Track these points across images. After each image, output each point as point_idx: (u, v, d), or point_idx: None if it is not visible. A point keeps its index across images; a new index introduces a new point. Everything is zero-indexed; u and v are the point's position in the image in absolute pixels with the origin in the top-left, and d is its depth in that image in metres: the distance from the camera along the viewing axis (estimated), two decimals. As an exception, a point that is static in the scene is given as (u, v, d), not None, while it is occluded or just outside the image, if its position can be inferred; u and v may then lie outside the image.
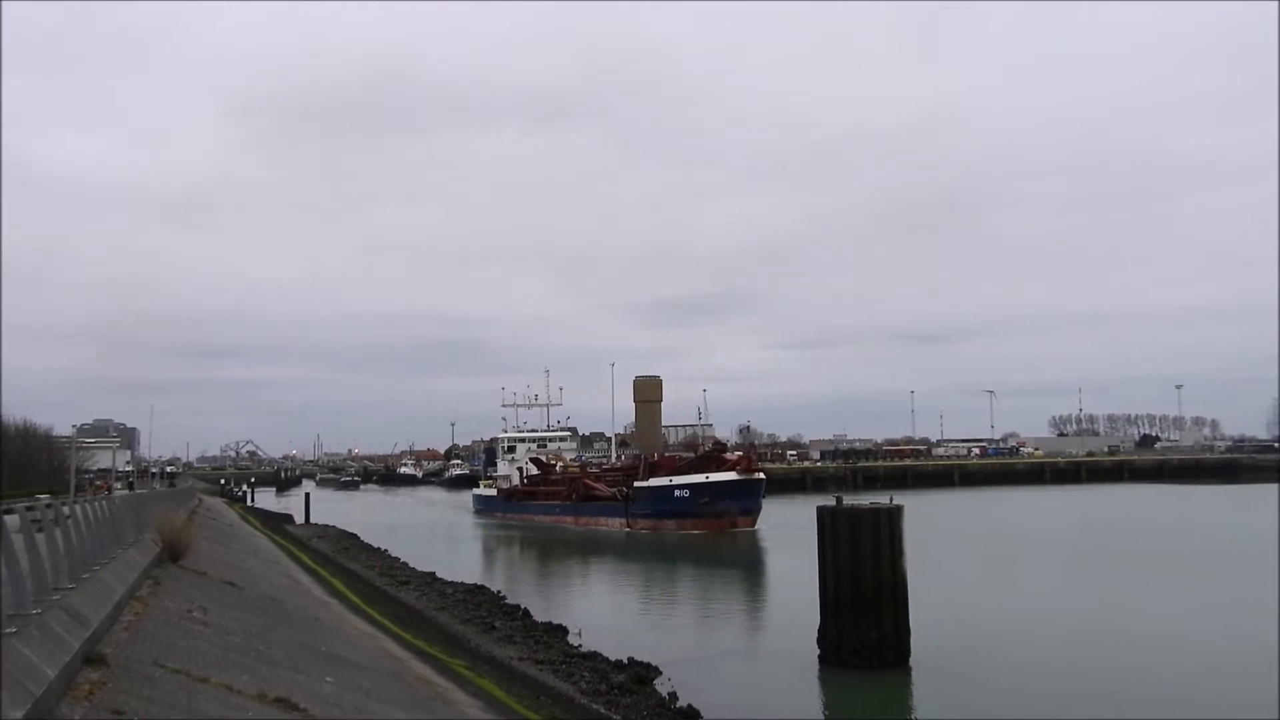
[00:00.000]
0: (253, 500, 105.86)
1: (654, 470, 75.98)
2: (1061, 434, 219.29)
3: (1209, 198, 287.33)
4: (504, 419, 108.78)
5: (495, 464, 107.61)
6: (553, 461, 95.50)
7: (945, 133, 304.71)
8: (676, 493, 70.37)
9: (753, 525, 68.46)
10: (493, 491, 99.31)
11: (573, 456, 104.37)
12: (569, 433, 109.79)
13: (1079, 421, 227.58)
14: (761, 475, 71.64)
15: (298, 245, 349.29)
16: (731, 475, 69.16)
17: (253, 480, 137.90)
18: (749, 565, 52.43)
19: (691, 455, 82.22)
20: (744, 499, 68.83)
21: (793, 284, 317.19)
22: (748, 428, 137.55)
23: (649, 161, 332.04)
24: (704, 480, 69.50)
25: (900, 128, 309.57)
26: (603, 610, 38.24)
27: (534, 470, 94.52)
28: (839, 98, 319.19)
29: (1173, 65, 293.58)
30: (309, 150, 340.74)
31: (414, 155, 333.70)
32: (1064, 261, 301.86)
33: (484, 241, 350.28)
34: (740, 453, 78.41)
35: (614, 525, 74.33)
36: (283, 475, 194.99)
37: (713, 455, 75.56)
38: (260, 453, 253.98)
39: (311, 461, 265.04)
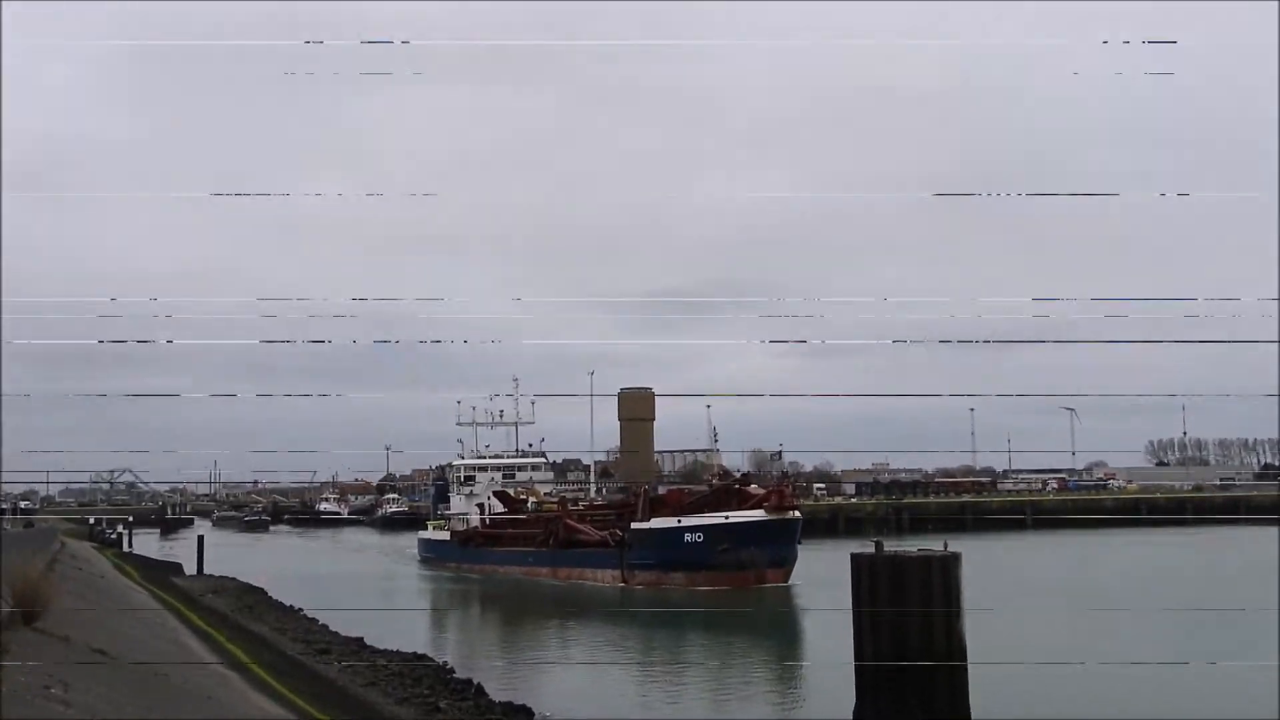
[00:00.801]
0: (130, 545, 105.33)
1: (657, 507, 75.55)
2: (1161, 463, 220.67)
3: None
4: (460, 440, 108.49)
5: (447, 499, 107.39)
6: (524, 496, 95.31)
7: (1002, 91, 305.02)
8: (687, 536, 69.50)
9: (786, 580, 67.97)
10: (445, 534, 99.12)
11: (549, 489, 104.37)
12: (543, 459, 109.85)
13: (1183, 447, 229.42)
14: (797, 514, 71.13)
15: (188, 223, 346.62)
16: (759, 514, 68.49)
17: (130, 519, 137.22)
18: (777, 631, 52.37)
19: (705, 489, 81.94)
20: (775, 545, 68.09)
21: (812, 275, 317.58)
22: (778, 454, 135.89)
23: (636, 125, 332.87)
24: (723, 521, 68.67)
25: (948, 81, 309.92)
26: (581, 688, 38.16)
27: (499, 507, 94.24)
28: (870, 47, 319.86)
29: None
30: (204, 107, 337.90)
31: (347, 115, 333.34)
32: (1159, 247, 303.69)
33: (425, 221, 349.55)
34: (762, 486, 77.89)
35: (604, 579, 74.12)
36: (170, 513, 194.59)
37: (733, 488, 74.87)
38: (141, 484, 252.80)
39: (207, 496, 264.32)
